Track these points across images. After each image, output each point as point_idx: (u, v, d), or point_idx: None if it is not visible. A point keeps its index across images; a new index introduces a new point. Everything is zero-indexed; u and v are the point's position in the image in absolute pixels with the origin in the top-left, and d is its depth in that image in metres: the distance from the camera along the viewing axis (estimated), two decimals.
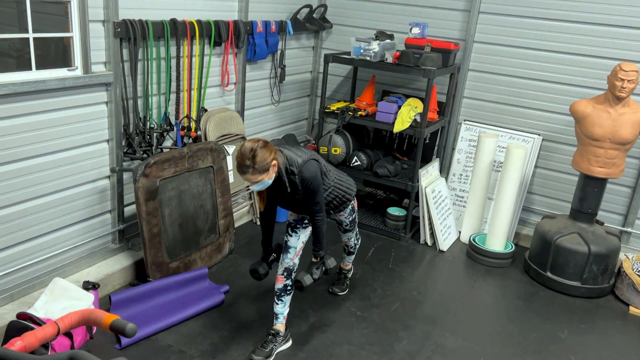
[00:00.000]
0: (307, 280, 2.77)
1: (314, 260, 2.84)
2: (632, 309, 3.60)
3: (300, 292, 2.85)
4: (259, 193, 2.74)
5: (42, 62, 2.78)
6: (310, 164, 2.63)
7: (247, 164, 2.42)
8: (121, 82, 3.15)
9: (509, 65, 4.26)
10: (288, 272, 2.84)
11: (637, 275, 3.63)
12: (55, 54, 2.86)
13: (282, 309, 2.88)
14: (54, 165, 2.95)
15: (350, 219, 3.12)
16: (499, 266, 4.04)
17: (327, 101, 4.65)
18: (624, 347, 3.22)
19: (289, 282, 2.85)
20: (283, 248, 2.88)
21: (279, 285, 2.86)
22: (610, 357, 3.12)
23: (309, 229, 2.91)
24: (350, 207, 3.06)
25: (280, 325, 2.89)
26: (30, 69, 2.73)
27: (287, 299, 2.87)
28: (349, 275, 3.56)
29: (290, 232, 2.88)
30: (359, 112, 4.26)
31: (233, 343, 2.94)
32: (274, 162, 2.49)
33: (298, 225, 2.89)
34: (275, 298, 2.87)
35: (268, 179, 2.51)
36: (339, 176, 2.93)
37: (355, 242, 3.35)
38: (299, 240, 2.86)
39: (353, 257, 3.46)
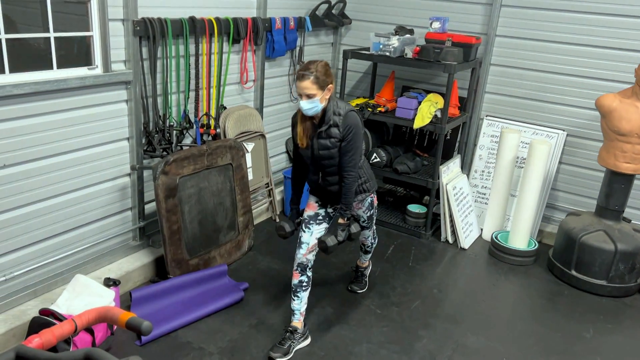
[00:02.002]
0: (331, 241, 2.72)
1: (340, 221, 2.79)
2: None
3: (325, 255, 2.81)
4: (304, 130, 2.70)
5: (63, 61, 2.82)
6: (354, 114, 2.66)
7: (310, 69, 2.52)
8: (141, 81, 3.17)
9: (532, 59, 4.17)
10: (302, 267, 2.84)
11: None
12: (76, 53, 2.89)
13: (298, 305, 2.87)
14: (74, 164, 2.99)
15: (368, 214, 3.08)
16: (521, 264, 3.97)
17: (346, 97, 4.62)
18: None
19: (304, 277, 2.84)
20: (297, 244, 2.88)
21: (294, 281, 2.86)
22: (637, 357, 3.03)
23: (323, 225, 2.89)
24: (369, 200, 3.02)
25: (297, 322, 2.89)
26: (51, 68, 2.76)
27: (304, 295, 2.87)
28: (367, 272, 3.53)
29: (304, 228, 2.88)
30: (379, 108, 4.22)
31: (252, 340, 2.95)
32: (331, 85, 2.57)
33: (312, 222, 2.88)
34: (292, 294, 2.88)
35: (321, 101, 2.56)
36: (365, 163, 2.93)
37: (372, 241, 3.32)
38: (312, 236, 2.85)
39: (369, 255, 3.43)
